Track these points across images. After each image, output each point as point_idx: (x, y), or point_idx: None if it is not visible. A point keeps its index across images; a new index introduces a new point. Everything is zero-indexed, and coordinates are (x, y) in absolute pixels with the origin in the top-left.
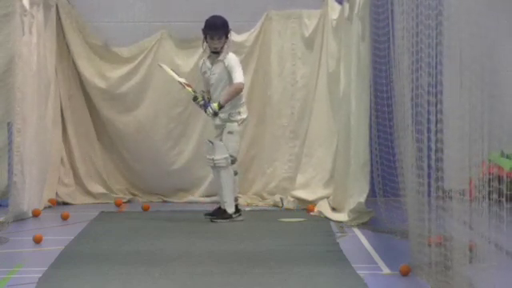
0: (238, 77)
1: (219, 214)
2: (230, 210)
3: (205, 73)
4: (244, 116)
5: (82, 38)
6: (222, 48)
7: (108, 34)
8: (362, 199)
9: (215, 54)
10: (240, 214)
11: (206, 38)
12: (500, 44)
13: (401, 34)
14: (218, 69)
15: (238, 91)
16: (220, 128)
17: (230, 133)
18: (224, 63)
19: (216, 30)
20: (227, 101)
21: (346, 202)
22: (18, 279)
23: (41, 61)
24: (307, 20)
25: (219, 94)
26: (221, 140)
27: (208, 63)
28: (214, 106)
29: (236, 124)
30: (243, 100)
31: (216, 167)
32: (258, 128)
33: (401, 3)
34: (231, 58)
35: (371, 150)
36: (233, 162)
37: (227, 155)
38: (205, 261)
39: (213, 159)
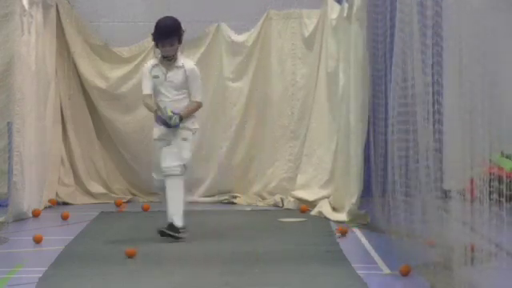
0: (200, 96)
1: (168, 228)
2: (179, 223)
3: (157, 77)
4: (197, 126)
5: (82, 38)
6: (175, 54)
7: (108, 33)
8: (354, 200)
9: (167, 58)
10: (186, 230)
11: (156, 44)
12: (500, 44)
13: (400, 34)
14: (177, 76)
15: (197, 109)
16: (167, 137)
17: (185, 139)
18: (185, 72)
19: (167, 36)
20: (187, 116)
21: (345, 202)
22: (17, 279)
23: (40, 61)
24: (307, 20)
25: (176, 100)
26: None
27: (162, 67)
28: (176, 118)
29: (191, 132)
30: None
31: (167, 175)
32: (258, 128)
33: (400, 3)
34: (195, 71)
35: (372, 149)
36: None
37: (182, 163)
38: (205, 261)
39: (165, 167)
